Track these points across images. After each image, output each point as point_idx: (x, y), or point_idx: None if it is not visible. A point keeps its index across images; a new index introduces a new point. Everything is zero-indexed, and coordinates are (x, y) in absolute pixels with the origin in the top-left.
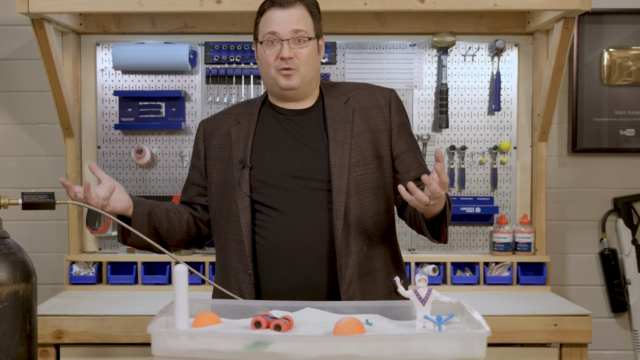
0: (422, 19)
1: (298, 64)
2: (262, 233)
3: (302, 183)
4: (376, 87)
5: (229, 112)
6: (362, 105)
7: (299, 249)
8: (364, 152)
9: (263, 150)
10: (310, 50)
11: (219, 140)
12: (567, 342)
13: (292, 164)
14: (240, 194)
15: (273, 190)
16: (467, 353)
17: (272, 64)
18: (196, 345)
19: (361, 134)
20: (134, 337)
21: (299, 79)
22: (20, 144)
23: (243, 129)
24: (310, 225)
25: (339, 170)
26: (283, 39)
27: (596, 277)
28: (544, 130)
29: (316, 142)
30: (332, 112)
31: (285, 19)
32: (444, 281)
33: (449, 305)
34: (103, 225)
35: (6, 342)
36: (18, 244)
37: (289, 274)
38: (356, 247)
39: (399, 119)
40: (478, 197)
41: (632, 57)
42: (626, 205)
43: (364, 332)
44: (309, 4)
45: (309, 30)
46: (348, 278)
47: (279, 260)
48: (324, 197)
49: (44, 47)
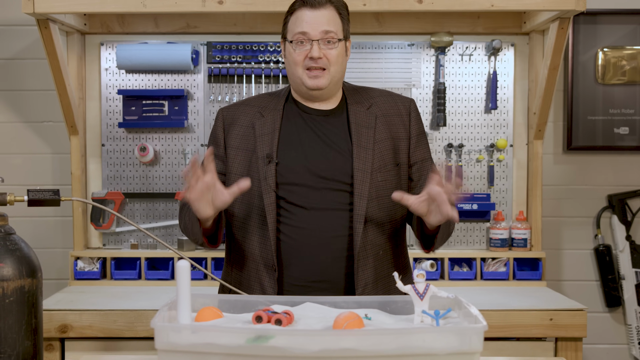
0: (420, 19)
1: (327, 64)
2: (284, 230)
3: (325, 183)
4: (397, 96)
5: (251, 104)
6: (384, 112)
7: (318, 246)
8: (385, 158)
9: (288, 147)
10: (339, 51)
11: (240, 131)
12: (563, 336)
13: (317, 164)
14: (267, 189)
15: (297, 187)
16: (465, 347)
17: (300, 64)
18: (198, 339)
19: (383, 140)
20: (138, 331)
21: (327, 80)
22: (26, 141)
23: (268, 123)
24: (331, 224)
25: (361, 174)
26: (313, 39)
27: (591, 273)
28: (540, 129)
29: (340, 145)
30: (356, 117)
31: (316, 20)
32: (441, 276)
33: (447, 300)
34: (107, 221)
35: (12, 336)
36: (24, 240)
37: (308, 270)
38: (373, 251)
39: (417, 128)
40: (475, 194)
41: (626, 56)
42: (620, 202)
43: (363, 326)
44: (338, 5)
45: (338, 31)
46: (364, 281)
47: (298, 257)
48: (345, 198)
49: (49, 46)
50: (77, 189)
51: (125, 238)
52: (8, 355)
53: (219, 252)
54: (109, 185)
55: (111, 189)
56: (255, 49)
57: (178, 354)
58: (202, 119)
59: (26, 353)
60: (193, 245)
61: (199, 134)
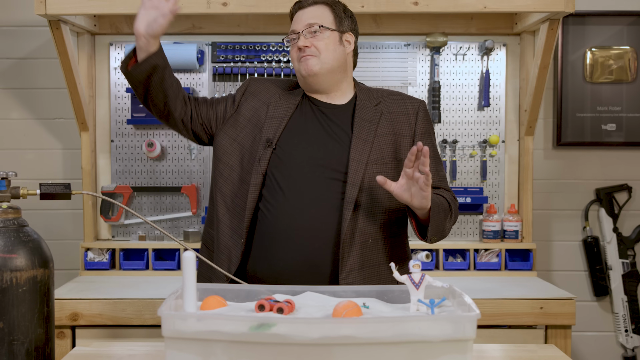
0: (416, 20)
1: (317, 52)
2: (272, 210)
3: (320, 171)
4: (407, 97)
5: (277, 84)
6: (390, 110)
7: (307, 230)
8: (383, 151)
9: (292, 133)
10: (329, 40)
11: (256, 104)
12: (552, 324)
13: (315, 152)
14: (257, 170)
15: (292, 172)
16: (458, 334)
17: (295, 57)
18: (204, 327)
19: (384, 135)
20: (145, 319)
21: (317, 64)
22: (38, 137)
23: (281, 108)
24: (321, 211)
25: (356, 164)
26: (298, 32)
27: (579, 263)
28: (531, 125)
29: (341, 136)
30: (361, 112)
31: (303, 17)
32: (436, 267)
33: (441, 289)
34: (116, 214)
35: (25, 324)
36: (36, 232)
37: (296, 253)
38: (361, 239)
39: (423, 127)
40: (468, 187)
41: (613, 56)
42: (608, 196)
43: (361, 314)
44: (330, 3)
45: (326, 22)
46: (349, 266)
47: (287, 240)
48: (338, 187)
49: (61, 47)
50: (87, 183)
51: (133, 230)
52: (21, 342)
53: None
54: (117, 180)
55: (120, 183)
56: (258, 49)
57: (184, 341)
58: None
59: (38, 340)
60: (199, 237)
61: None
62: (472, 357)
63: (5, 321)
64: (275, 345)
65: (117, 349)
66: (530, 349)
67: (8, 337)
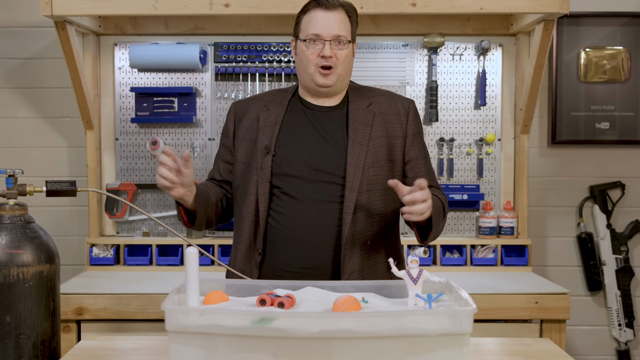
0: (414, 21)
1: (336, 63)
2: (276, 217)
3: (319, 175)
4: (398, 96)
5: (260, 98)
6: (382, 111)
7: (308, 234)
8: (378, 154)
9: (287, 140)
10: (347, 52)
11: (247, 123)
12: (547, 319)
13: (313, 157)
14: (262, 179)
15: (292, 178)
16: (455, 328)
17: (313, 61)
18: (206, 321)
19: (378, 137)
20: (149, 313)
21: (335, 78)
22: (44, 136)
23: (272, 116)
24: (321, 215)
25: (354, 168)
26: (325, 40)
27: (574, 259)
28: (526, 124)
29: (337, 140)
30: (355, 114)
31: (329, 22)
32: (434, 262)
33: (439, 284)
34: (120, 211)
35: (31, 319)
36: (42, 228)
37: (297, 256)
38: (360, 241)
39: (414, 127)
40: (465, 185)
41: (607, 56)
42: (601, 193)
43: (360, 309)
44: (349, 9)
45: (348, 34)
46: (349, 269)
47: (288, 244)
48: (336, 191)
49: (66, 47)
50: (92, 180)
51: (137, 226)
52: (28, 336)
53: (225, 239)
54: (122, 177)
55: (124, 180)
56: (260, 49)
57: (187, 334)
58: (210, 115)
59: (44, 334)
60: (201, 233)
61: (206, 129)
62: (468, 351)
63: (12, 315)
64: (276, 339)
65: (122, 343)
66: (526, 343)
67: (15, 331)
